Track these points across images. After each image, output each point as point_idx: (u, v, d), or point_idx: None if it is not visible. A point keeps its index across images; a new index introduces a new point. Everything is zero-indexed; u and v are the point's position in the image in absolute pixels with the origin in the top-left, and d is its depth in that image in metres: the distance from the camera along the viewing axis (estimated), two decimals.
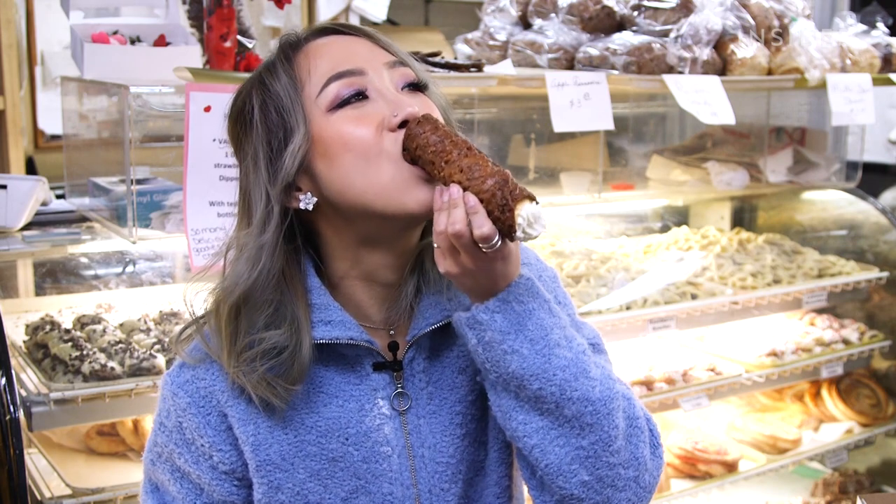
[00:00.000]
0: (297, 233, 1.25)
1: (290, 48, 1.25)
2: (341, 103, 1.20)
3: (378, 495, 1.23)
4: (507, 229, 1.12)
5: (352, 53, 1.23)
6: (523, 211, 1.12)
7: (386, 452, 1.24)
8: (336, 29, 1.27)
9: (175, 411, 1.25)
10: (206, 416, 1.24)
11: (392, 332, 1.29)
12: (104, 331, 2.09)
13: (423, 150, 1.17)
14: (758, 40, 2.71)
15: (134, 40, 2.15)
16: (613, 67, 2.53)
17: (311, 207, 1.22)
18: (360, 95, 1.21)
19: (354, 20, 4.57)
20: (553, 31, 2.64)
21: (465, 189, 1.14)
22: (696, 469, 2.83)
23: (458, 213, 1.13)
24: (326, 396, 1.24)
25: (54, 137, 4.35)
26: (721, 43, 2.64)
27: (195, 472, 1.24)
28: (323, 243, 1.27)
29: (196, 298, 1.27)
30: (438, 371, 1.28)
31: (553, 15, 2.71)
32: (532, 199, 1.13)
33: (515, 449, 1.24)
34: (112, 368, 1.91)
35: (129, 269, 2.44)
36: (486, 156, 1.17)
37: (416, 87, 1.25)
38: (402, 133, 1.19)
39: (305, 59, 1.23)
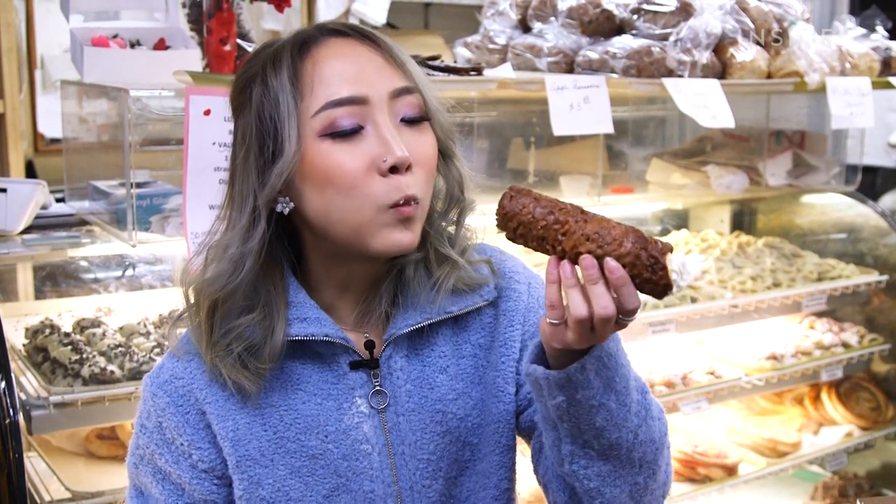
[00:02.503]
0: (277, 229, 1.24)
1: (300, 47, 1.20)
2: (335, 134, 1.16)
3: (359, 493, 1.23)
4: (661, 289, 1.03)
5: (360, 72, 1.18)
6: (673, 263, 1.03)
7: (366, 450, 1.24)
8: (350, 33, 1.22)
9: (155, 412, 1.26)
10: (185, 414, 1.24)
11: (366, 333, 1.29)
12: (104, 334, 2.09)
13: (528, 227, 1.08)
14: (757, 44, 2.71)
15: (134, 44, 2.15)
16: (613, 71, 2.53)
17: (286, 212, 1.21)
18: (357, 129, 1.17)
19: (354, 24, 4.56)
20: (553, 35, 2.64)
21: (598, 258, 1.04)
22: (695, 472, 2.82)
23: (600, 291, 1.04)
24: (304, 394, 1.24)
25: (54, 141, 4.34)
26: (720, 46, 2.64)
27: (175, 472, 1.24)
28: (302, 244, 1.28)
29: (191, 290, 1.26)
30: (418, 369, 1.28)
31: (553, 18, 2.71)
32: (671, 248, 1.05)
33: (563, 481, 1.23)
34: (112, 372, 1.91)
35: (129, 272, 2.44)
36: (601, 215, 1.07)
37: (418, 118, 1.21)
38: (394, 179, 1.16)
39: (312, 66, 1.18)
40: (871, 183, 3.46)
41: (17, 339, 2.15)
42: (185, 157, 1.79)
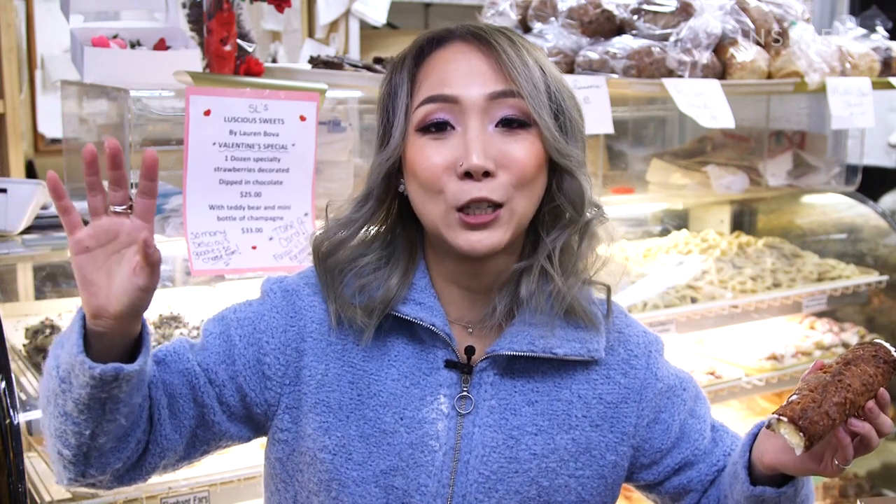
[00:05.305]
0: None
1: (424, 48, 1.27)
2: (425, 128, 1.22)
3: (414, 482, 1.24)
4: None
5: (461, 73, 1.22)
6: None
7: (433, 447, 1.25)
8: (468, 37, 1.25)
9: (264, 302, 1.31)
10: (286, 331, 1.28)
11: (471, 331, 1.30)
12: None
13: (825, 429, 1.17)
14: (757, 44, 2.71)
15: (134, 44, 2.15)
16: (613, 71, 2.53)
17: (403, 192, 1.28)
18: (446, 126, 1.21)
19: (354, 24, 4.57)
20: (553, 35, 2.64)
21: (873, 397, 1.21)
22: None
23: (884, 418, 1.22)
24: (397, 372, 1.27)
25: (54, 141, 4.35)
26: (721, 47, 2.64)
27: (239, 347, 1.28)
28: None
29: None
30: (508, 391, 1.28)
31: (553, 19, 2.71)
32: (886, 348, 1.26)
33: None
34: None
35: None
36: (847, 362, 1.23)
37: (517, 122, 1.22)
38: (466, 183, 1.19)
39: (428, 66, 1.25)
40: (871, 183, 3.45)
41: (17, 339, 2.15)
42: (185, 157, 1.79)
